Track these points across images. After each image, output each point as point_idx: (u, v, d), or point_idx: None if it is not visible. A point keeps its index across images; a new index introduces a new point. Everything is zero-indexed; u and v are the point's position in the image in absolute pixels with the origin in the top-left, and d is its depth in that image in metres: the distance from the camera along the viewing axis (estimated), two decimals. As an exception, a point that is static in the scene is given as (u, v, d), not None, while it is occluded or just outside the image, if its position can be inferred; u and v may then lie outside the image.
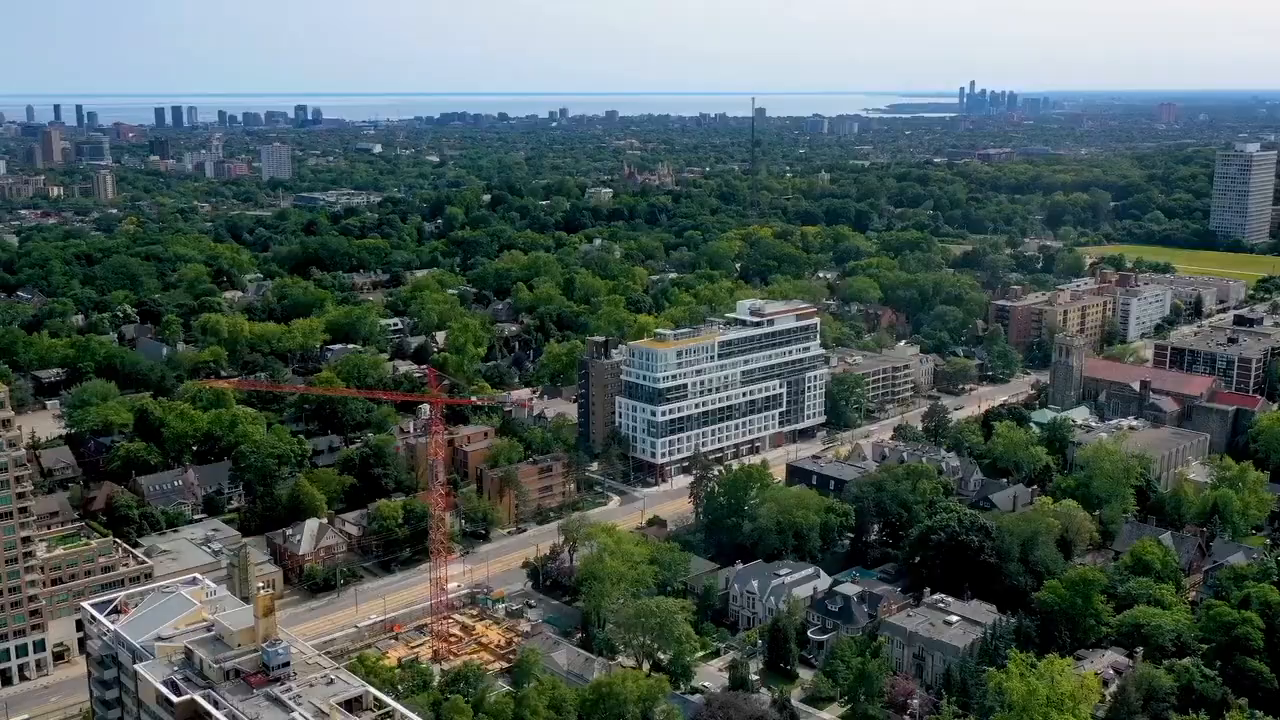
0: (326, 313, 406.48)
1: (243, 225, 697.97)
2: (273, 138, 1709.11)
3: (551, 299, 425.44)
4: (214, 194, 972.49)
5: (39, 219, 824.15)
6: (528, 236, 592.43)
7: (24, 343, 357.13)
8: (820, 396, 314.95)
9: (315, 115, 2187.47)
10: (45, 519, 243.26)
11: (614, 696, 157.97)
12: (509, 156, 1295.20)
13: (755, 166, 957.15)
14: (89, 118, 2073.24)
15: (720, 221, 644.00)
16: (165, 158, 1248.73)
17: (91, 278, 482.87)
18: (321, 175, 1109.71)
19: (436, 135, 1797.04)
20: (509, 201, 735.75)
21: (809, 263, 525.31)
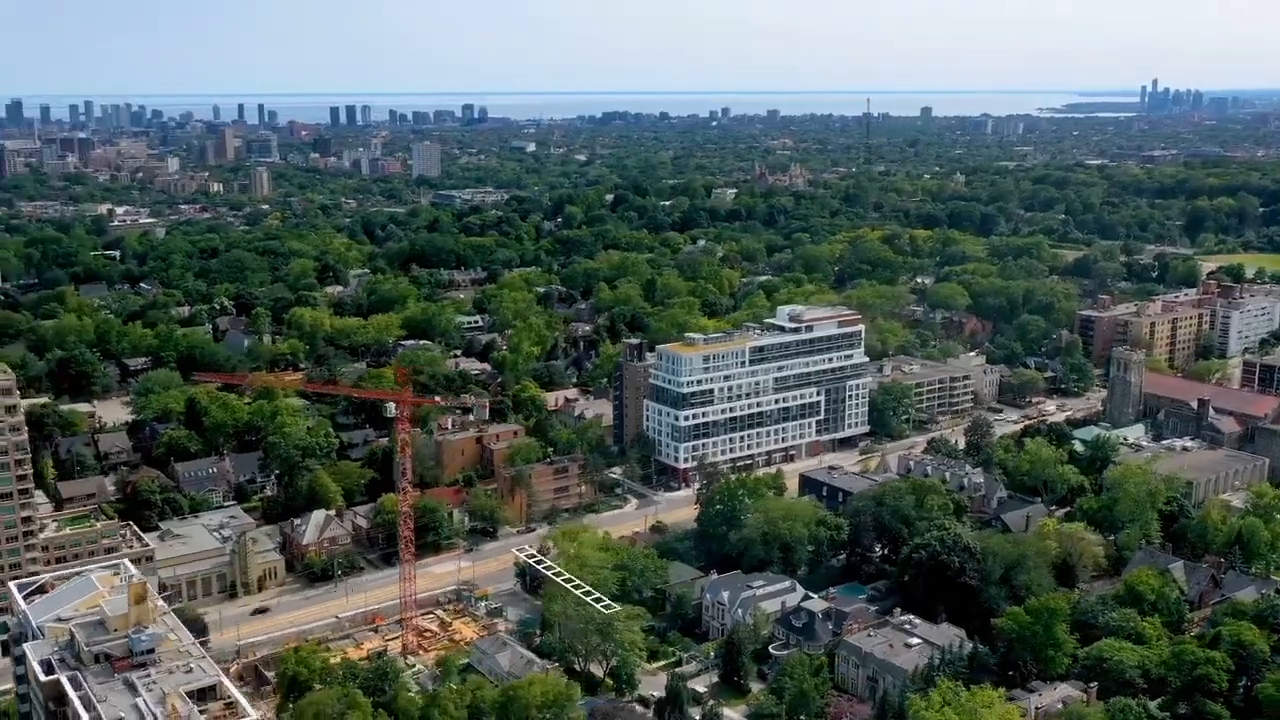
0: (407, 309, 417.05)
1: (377, 222, 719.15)
2: (435, 136, 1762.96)
3: (630, 300, 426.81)
4: (363, 191, 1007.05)
5: (195, 213, 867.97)
6: (634, 236, 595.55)
7: (118, 332, 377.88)
8: (863, 406, 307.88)
9: (481, 114, 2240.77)
10: (82, 500, 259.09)
11: (518, 700, 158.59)
12: (657, 156, 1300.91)
13: (869, 167, 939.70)
14: (269, 116, 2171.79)
15: (834, 224, 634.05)
16: (326, 155, 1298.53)
17: (207, 271, 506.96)
18: (470, 173, 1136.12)
19: (593, 134, 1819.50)
20: (630, 201, 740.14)
21: (909, 267, 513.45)
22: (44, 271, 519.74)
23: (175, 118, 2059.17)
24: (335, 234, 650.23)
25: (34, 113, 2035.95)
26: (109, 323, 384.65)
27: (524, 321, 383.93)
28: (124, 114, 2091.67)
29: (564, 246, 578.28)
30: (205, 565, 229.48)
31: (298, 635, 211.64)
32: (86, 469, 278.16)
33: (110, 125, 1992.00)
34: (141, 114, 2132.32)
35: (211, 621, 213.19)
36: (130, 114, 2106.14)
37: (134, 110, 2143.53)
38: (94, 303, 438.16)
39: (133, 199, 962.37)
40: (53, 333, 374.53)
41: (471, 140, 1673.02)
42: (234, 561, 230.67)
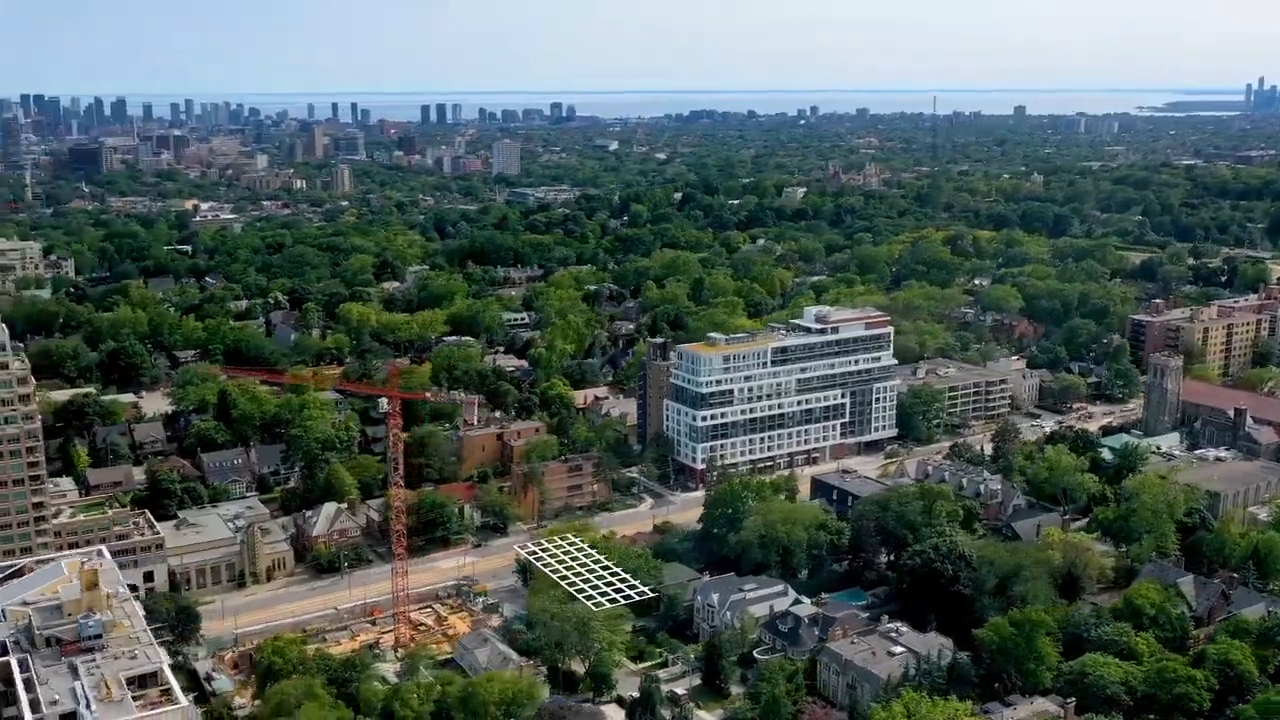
0: (454, 305, 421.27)
1: (449, 219, 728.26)
2: (520, 134, 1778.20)
3: (675, 299, 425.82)
4: (442, 188, 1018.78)
5: (276, 210, 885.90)
6: (693, 235, 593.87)
7: (170, 325, 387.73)
8: (890, 409, 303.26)
9: (569, 113, 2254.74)
10: (109, 487, 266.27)
11: (476, 697, 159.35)
12: (738, 155, 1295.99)
13: (937, 167, 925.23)
14: (362, 115, 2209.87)
15: (898, 224, 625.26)
16: (411, 153, 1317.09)
17: (269, 266, 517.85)
18: (550, 171, 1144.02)
19: (678, 133, 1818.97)
20: (698, 200, 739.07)
21: (970, 269, 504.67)
22: (115, 265, 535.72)
23: (271, 116, 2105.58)
24: (405, 230, 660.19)
25: (137, 110, 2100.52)
26: (163, 315, 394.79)
27: (563, 319, 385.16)
28: (222, 112, 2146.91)
29: (623, 245, 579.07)
30: (214, 554, 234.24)
31: (295, 625, 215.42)
32: (120, 458, 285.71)
33: (209, 123, 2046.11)
34: (240, 112, 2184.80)
35: (213, 610, 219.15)
36: (229, 112, 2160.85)
37: (233, 109, 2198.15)
38: (156, 296, 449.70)
39: (219, 195, 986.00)
40: (108, 325, 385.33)
41: (557, 139, 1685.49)
42: (243, 551, 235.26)
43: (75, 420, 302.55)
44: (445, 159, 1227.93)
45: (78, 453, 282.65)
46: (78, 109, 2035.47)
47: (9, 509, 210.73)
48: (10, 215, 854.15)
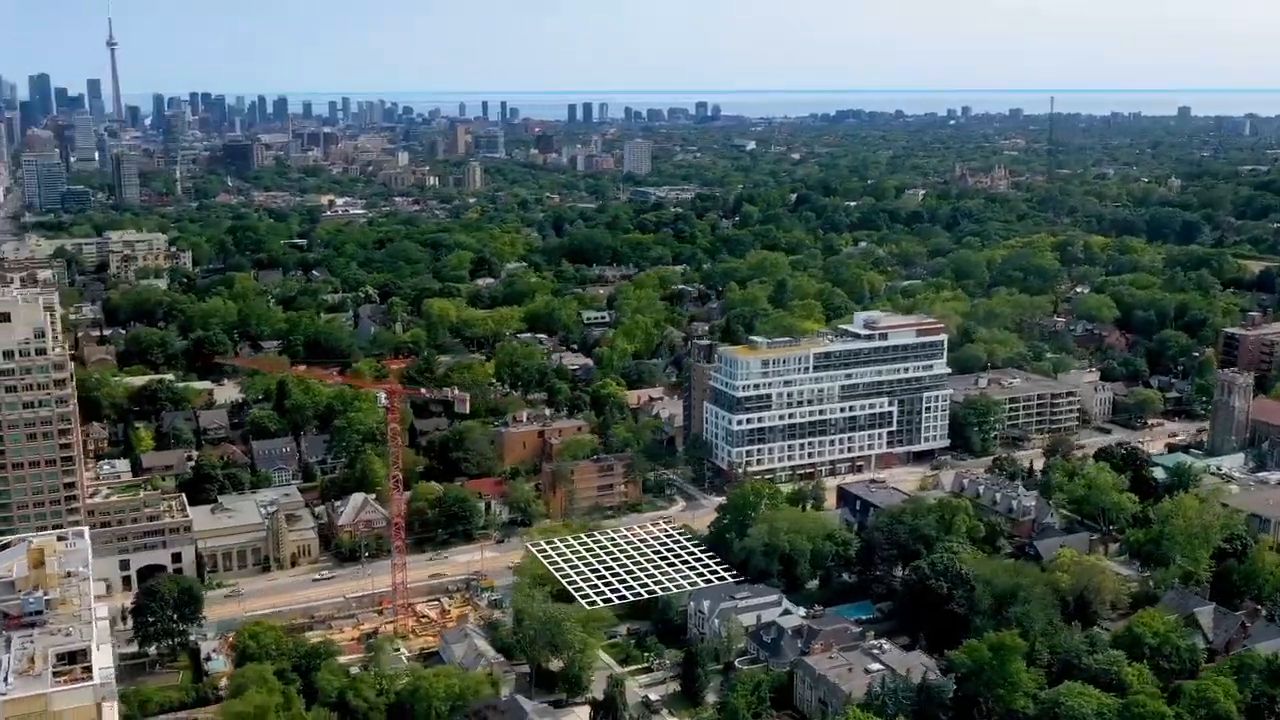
0: (534, 302, 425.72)
1: (566, 218, 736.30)
2: (662, 133, 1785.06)
3: (755, 300, 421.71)
4: (570, 187, 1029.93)
5: (407, 206, 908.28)
6: (796, 237, 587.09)
7: (258, 316, 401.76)
8: (942, 419, 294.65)
9: (714, 112, 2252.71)
10: (161, 470, 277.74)
11: (421, 691, 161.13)
12: (875, 156, 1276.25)
13: (1055, 169, 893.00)
14: (511, 113, 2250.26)
15: (1011, 229, 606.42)
16: (547, 152, 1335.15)
17: (371, 260, 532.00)
18: (681, 170, 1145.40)
19: (820, 133, 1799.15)
20: (812, 201, 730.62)
21: (1077, 275, 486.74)
22: (229, 257, 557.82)
23: (423, 114, 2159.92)
24: (519, 227, 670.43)
25: (298, 108, 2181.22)
26: (251, 306, 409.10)
27: (632, 319, 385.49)
28: (377, 110, 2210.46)
29: (724, 245, 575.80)
30: (241, 539, 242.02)
31: (304, 612, 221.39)
32: (183, 442, 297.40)
33: (364, 121, 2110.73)
34: (394, 110, 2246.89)
35: (233, 593, 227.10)
36: (383, 110, 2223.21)
37: (387, 107, 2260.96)
38: (258, 287, 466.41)
39: (356, 191, 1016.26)
40: (199, 314, 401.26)
41: (698, 138, 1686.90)
42: (268, 537, 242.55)
43: (147, 405, 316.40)
44: (579, 158, 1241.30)
45: (141, 436, 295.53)
46: (242, 107, 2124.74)
47: (42, 488, 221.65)
48: (159, 207, 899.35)
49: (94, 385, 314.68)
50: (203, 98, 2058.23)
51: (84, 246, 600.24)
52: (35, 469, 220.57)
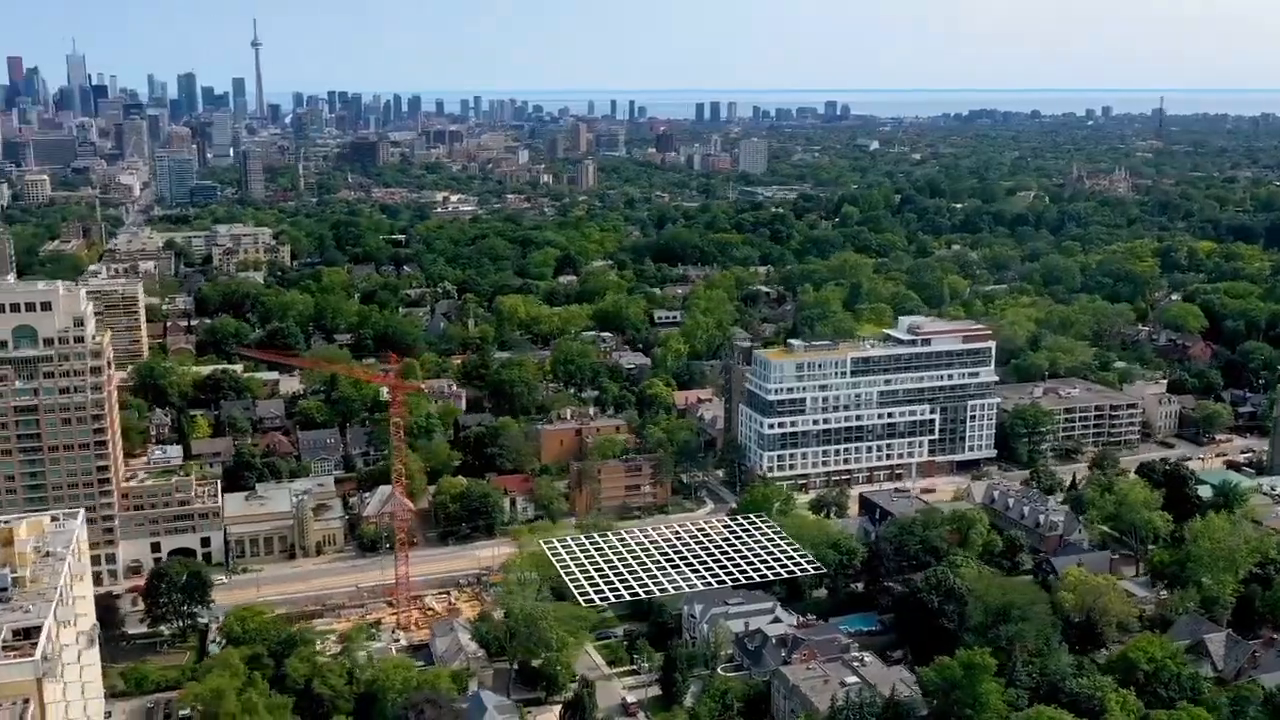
0: (604, 300, 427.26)
1: (669, 217, 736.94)
2: (787, 133, 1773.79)
3: (827, 303, 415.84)
4: (681, 185, 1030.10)
5: (518, 204, 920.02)
6: (886, 239, 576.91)
7: (334, 309, 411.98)
8: (988, 428, 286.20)
9: (843, 111, 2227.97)
10: (209, 457, 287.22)
11: (379, 683, 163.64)
12: (1000, 156, 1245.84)
13: (1160, 171, 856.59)
14: (639, 112, 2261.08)
15: (1115, 234, 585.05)
16: (665, 151, 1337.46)
17: (459, 256, 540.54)
18: (797, 169, 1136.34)
19: (948, 133, 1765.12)
20: (916, 202, 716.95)
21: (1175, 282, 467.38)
22: (327, 251, 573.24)
23: (552, 113, 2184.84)
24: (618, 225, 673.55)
25: (431, 106, 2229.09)
26: (327, 300, 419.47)
27: (691, 320, 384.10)
28: (507, 109, 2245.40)
29: (815, 246, 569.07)
30: (269, 526, 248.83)
31: (315, 599, 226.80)
32: (237, 431, 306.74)
33: (494, 119, 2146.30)
34: (524, 109, 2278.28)
35: (257, 578, 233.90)
36: (513, 109, 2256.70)
37: (517, 105, 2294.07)
38: (345, 281, 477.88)
39: (472, 188, 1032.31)
40: (278, 306, 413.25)
41: (822, 137, 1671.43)
42: (295, 526, 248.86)
43: (211, 393, 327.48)
44: (696, 157, 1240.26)
45: (198, 423, 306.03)
46: (378, 105, 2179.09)
47: (76, 470, 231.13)
48: (280, 202, 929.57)
49: (161, 373, 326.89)
50: (340, 96, 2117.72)
51: (193, 240, 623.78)
52: (70, 452, 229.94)
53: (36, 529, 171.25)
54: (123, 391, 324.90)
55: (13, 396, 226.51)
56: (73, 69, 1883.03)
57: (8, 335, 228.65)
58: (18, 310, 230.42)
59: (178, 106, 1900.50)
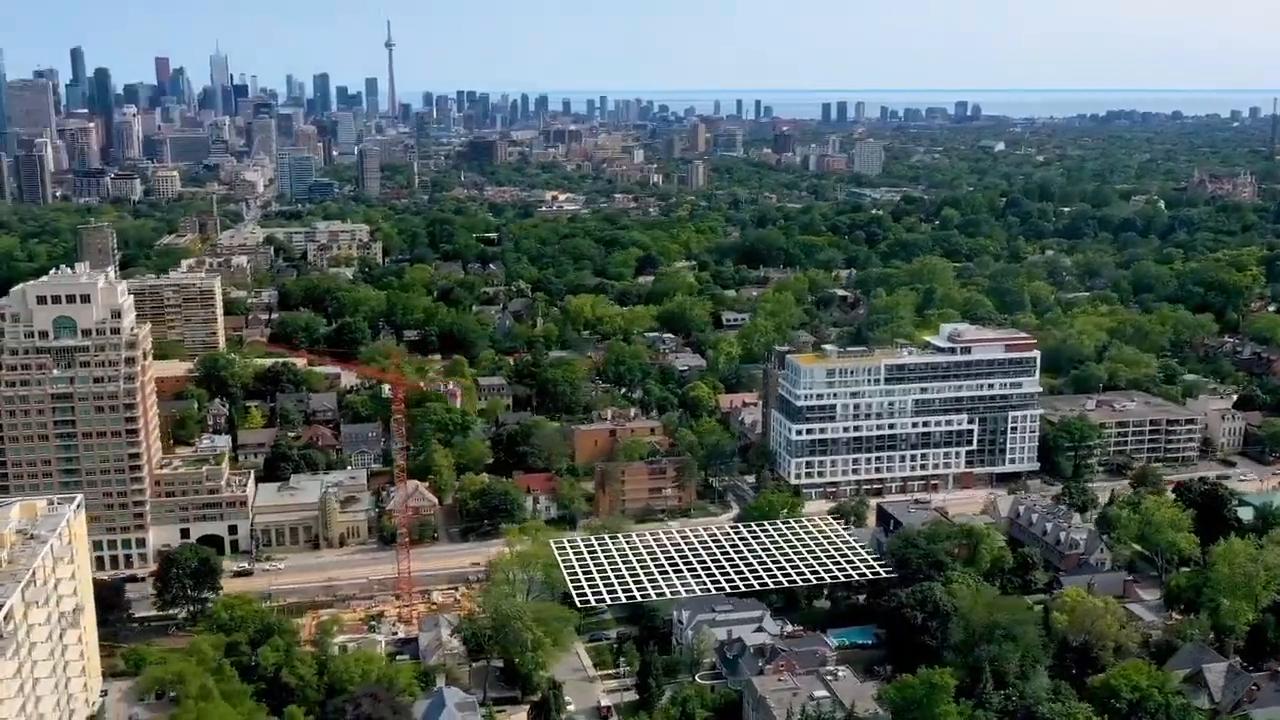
0: (671, 301, 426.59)
1: (770, 218, 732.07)
2: (912, 133, 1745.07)
3: (898, 307, 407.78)
4: (791, 186, 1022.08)
5: (625, 203, 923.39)
6: (979, 243, 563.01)
7: (404, 306, 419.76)
8: (1030, 440, 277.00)
9: (974, 112, 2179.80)
10: (254, 448, 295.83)
11: (340, 671, 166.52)
12: (1128, 159, 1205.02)
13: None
14: (765, 111, 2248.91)
15: (1221, 241, 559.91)
16: (782, 151, 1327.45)
17: (542, 255, 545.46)
18: (912, 171, 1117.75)
19: (1082, 134, 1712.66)
20: (1021, 206, 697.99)
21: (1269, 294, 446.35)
22: (418, 248, 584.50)
23: (677, 113, 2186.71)
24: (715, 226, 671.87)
25: (557, 106, 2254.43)
26: (397, 296, 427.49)
27: (750, 324, 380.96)
28: (633, 108, 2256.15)
29: (903, 249, 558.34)
30: (294, 517, 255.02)
31: (325, 590, 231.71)
32: (288, 423, 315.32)
33: (620, 118, 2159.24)
34: (650, 108, 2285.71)
35: (277, 566, 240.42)
36: (639, 108, 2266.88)
37: (643, 105, 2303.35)
38: (425, 278, 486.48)
39: (582, 188, 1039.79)
40: (350, 301, 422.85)
41: (948, 138, 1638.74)
42: (319, 517, 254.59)
43: (270, 385, 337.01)
44: (812, 158, 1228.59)
45: (251, 415, 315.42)
46: (505, 104, 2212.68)
47: (108, 457, 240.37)
48: (393, 199, 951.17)
49: (224, 365, 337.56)
50: (468, 96, 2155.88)
51: (294, 235, 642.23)
52: (103, 439, 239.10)
53: (29, 512, 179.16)
54: (187, 382, 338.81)
55: (50, 384, 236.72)
56: (216, 69, 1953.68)
57: (49, 325, 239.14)
58: (59, 302, 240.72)
59: (313, 106, 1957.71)
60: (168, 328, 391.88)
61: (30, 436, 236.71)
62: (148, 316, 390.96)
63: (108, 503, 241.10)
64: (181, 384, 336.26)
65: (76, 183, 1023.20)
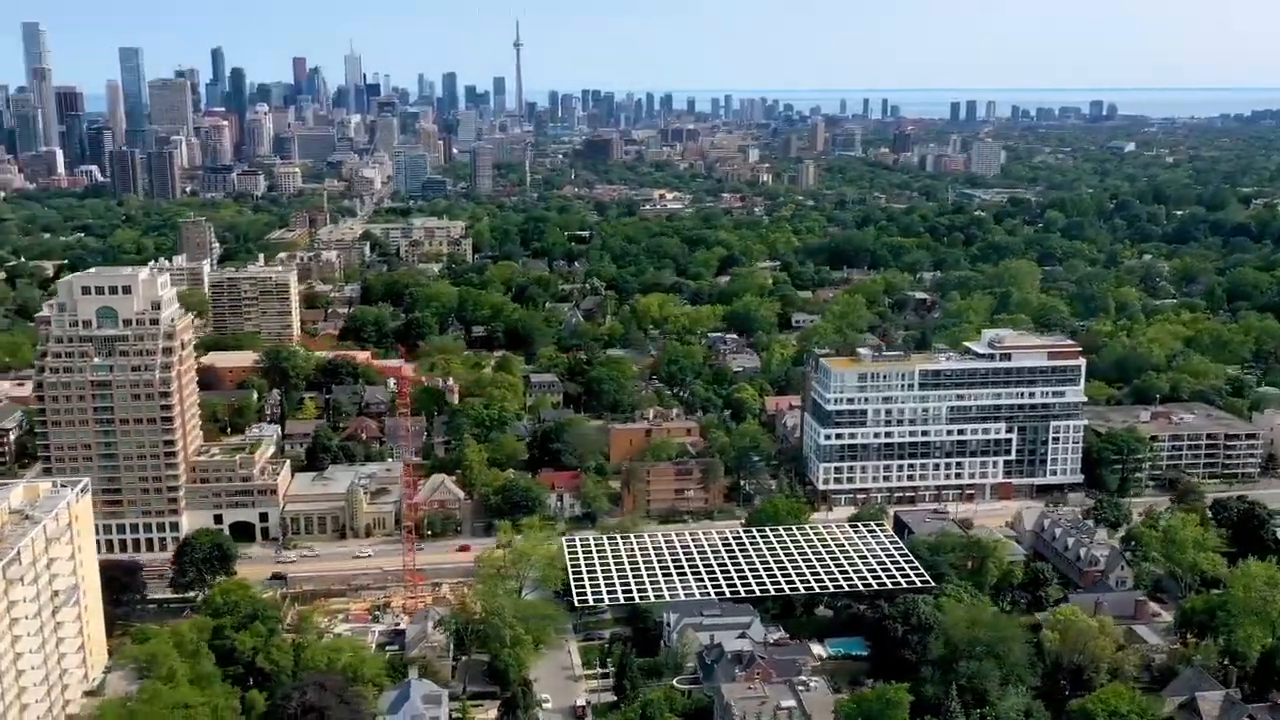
0: (739, 302, 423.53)
1: (873, 218, 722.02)
2: (1041, 133, 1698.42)
3: (970, 311, 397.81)
4: (903, 187, 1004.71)
5: (731, 202, 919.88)
6: (1075, 246, 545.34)
7: (474, 302, 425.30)
8: (1073, 451, 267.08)
9: (1109, 111, 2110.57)
10: (300, 438, 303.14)
11: (309, 659, 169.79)
12: (1266, 161, 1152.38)
13: None
14: (891, 110, 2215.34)
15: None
16: (901, 151, 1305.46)
17: (626, 254, 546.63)
18: (1032, 171, 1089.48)
19: (1221, 134, 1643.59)
20: (1131, 209, 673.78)
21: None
22: (506, 245, 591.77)
23: (802, 111, 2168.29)
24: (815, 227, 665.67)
25: (682, 105, 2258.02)
26: (468, 293, 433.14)
27: (812, 326, 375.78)
28: (757, 107, 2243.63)
29: (995, 251, 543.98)
30: (323, 507, 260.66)
31: (341, 579, 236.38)
32: (341, 414, 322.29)
33: (743, 118, 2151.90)
34: (774, 107, 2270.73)
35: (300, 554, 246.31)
36: (764, 108, 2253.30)
37: (768, 104, 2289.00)
38: (504, 275, 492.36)
39: (691, 186, 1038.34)
40: (424, 298, 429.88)
41: (1076, 138, 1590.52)
42: (346, 508, 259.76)
43: (330, 377, 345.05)
44: (930, 158, 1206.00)
45: (306, 406, 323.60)
46: (630, 103, 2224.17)
47: (144, 443, 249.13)
48: (502, 197, 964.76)
49: (285, 356, 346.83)
50: (592, 95, 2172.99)
51: (390, 231, 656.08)
52: (139, 425, 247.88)
53: (32, 493, 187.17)
54: (253, 372, 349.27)
55: (91, 371, 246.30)
56: (349, 69, 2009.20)
57: (91, 315, 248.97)
58: (102, 293, 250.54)
59: (441, 105, 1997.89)
60: (244, 319, 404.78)
61: (72, 421, 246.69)
62: (225, 308, 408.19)
63: (144, 487, 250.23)
64: (246, 374, 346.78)
65: (205, 178, 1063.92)
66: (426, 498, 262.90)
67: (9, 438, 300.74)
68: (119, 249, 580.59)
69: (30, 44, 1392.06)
